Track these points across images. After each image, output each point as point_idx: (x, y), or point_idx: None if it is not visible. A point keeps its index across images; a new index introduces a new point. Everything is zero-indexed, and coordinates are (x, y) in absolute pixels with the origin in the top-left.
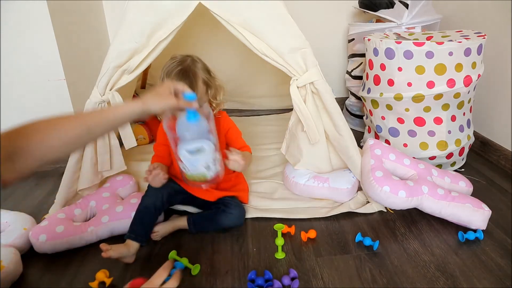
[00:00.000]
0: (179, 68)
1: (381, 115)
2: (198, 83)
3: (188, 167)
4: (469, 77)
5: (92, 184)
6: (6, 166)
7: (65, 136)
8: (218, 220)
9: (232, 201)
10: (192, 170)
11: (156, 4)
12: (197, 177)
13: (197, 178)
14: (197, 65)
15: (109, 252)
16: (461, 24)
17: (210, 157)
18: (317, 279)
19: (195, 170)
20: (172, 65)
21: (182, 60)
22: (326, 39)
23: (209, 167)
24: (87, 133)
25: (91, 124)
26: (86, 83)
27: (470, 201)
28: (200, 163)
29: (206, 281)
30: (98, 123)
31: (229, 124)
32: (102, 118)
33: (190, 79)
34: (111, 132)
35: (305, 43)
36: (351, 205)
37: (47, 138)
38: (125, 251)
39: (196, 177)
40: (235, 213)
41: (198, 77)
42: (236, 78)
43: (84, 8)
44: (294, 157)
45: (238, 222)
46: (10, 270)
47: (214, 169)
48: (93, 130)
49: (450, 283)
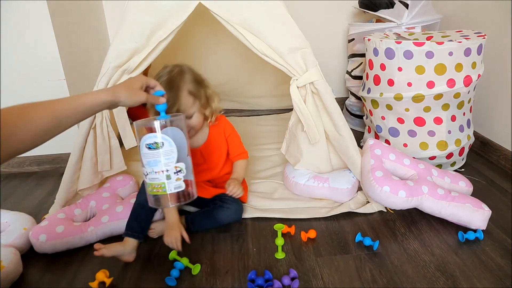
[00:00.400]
0: (164, 79)
1: (381, 115)
2: (181, 95)
3: (147, 171)
4: (469, 77)
5: (92, 184)
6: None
7: (34, 128)
8: (216, 216)
9: (229, 197)
10: (150, 175)
11: (156, 4)
12: (155, 188)
13: (156, 190)
14: (184, 76)
15: (102, 251)
16: (461, 24)
17: (172, 162)
18: (317, 279)
19: (153, 176)
20: (161, 74)
21: (170, 70)
22: (326, 39)
23: (170, 176)
24: (57, 125)
25: (60, 115)
26: (86, 83)
27: (470, 201)
28: (159, 166)
29: (206, 281)
30: (68, 115)
31: (229, 130)
32: (71, 108)
33: (173, 92)
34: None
35: (305, 43)
36: (351, 205)
37: (16, 131)
38: (120, 248)
39: (155, 188)
40: (232, 208)
41: (181, 89)
42: (236, 78)
43: (84, 8)
44: (294, 157)
45: (236, 217)
46: (10, 270)
47: (177, 184)
48: (63, 122)
49: (450, 283)
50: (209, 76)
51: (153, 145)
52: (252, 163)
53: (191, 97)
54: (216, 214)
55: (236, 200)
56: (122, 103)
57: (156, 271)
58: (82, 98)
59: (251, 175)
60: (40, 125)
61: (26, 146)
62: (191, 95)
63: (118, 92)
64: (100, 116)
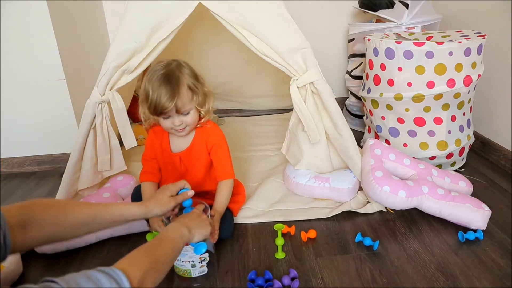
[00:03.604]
0: (162, 72)
1: (381, 115)
2: (181, 89)
3: None
4: (469, 77)
5: (92, 184)
6: (18, 233)
7: (74, 218)
8: None
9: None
10: (177, 262)
11: (156, 4)
12: (181, 272)
13: (182, 273)
14: (183, 70)
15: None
16: (461, 24)
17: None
18: (317, 279)
19: (179, 263)
20: (156, 68)
21: (167, 64)
22: (326, 39)
23: (195, 265)
24: (93, 221)
25: (98, 215)
26: (86, 83)
27: (470, 201)
28: (186, 257)
29: (206, 281)
30: (104, 216)
31: (214, 141)
32: (108, 212)
33: (172, 85)
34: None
35: (305, 43)
36: (352, 204)
37: (59, 216)
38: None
39: (181, 271)
40: (221, 228)
41: (181, 82)
42: (236, 78)
43: (84, 8)
44: (294, 157)
45: (223, 236)
46: (10, 270)
47: (201, 269)
48: (99, 221)
49: (450, 283)
50: (209, 76)
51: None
52: (253, 163)
53: (190, 92)
54: None
55: (225, 218)
56: (155, 214)
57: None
58: (121, 210)
59: (251, 176)
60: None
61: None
62: (190, 90)
63: (150, 208)
64: (100, 116)
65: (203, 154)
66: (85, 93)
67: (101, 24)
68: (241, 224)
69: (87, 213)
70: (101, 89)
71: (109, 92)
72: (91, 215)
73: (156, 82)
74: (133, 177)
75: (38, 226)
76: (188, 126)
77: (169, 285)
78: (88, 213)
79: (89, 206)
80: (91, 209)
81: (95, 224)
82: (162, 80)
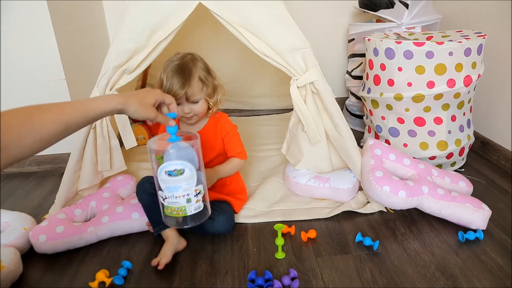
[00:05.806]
0: (176, 63)
1: (381, 115)
2: (192, 80)
3: (166, 195)
4: (469, 77)
5: (92, 184)
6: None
7: (40, 134)
8: (204, 227)
9: (219, 207)
10: (170, 199)
11: (156, 4)
12: (175, 211)
13: (176, 212)
14: (196, 63)
15: (162, 261)
16: (461, 24)
17: (192, 186)
18: (317, 279)
19: (173, 200)
20: (172, 59)
21: (183, 56)
22: (326, 39)
23: (190, 200)
24: (65, 130)
25: (68, 120)
26: (86, 83)
27: (470, 201)
28: (180, 191)
29: (206, 281)
30: (76, 120)
31: (228, 129)
32: (81, 113)
33: (185, 75)
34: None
35: (305, 43)
36: (352, 204)
37: (22, 136)
38: (170, 246)
39: (175, 211)
40: (221, 220)
41: (193, 74)
42: (236, 78)
43: (84, 8)
44: (294, 157)
45: (223, 230)
46: (10, 270)
47: (197, 205)
48: (70, 127)
49: (450, 283)
50: None
51: (173, 172)
52: (253, 163)
53: (200, 83)
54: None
55: (225, 212)
56: (130, 114)
57: (156, 271)
58: (92, 104)
59: (251, 176)
60: (46, 130)
61: (31, 151)
62: (201, 81)
63: (129, 103)
64: None
65: (216, 140)
66: (85, 93)
67: (101, 24)
68: (241, 224)
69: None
70: (101, 89)
71: (109, 92)
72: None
73: (170, 72)
74: (133, 177)
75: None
76: (196, 115)
77: (169, 285)
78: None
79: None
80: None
81: (68, 130)
82: (175, 70)
